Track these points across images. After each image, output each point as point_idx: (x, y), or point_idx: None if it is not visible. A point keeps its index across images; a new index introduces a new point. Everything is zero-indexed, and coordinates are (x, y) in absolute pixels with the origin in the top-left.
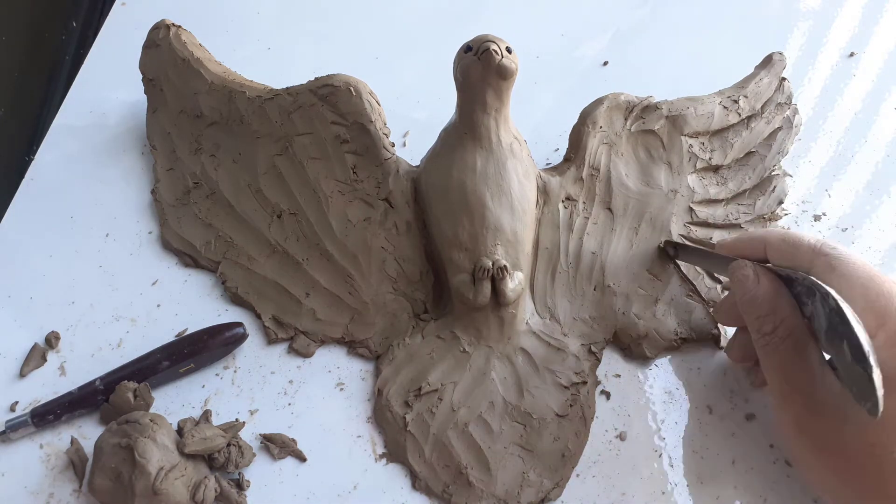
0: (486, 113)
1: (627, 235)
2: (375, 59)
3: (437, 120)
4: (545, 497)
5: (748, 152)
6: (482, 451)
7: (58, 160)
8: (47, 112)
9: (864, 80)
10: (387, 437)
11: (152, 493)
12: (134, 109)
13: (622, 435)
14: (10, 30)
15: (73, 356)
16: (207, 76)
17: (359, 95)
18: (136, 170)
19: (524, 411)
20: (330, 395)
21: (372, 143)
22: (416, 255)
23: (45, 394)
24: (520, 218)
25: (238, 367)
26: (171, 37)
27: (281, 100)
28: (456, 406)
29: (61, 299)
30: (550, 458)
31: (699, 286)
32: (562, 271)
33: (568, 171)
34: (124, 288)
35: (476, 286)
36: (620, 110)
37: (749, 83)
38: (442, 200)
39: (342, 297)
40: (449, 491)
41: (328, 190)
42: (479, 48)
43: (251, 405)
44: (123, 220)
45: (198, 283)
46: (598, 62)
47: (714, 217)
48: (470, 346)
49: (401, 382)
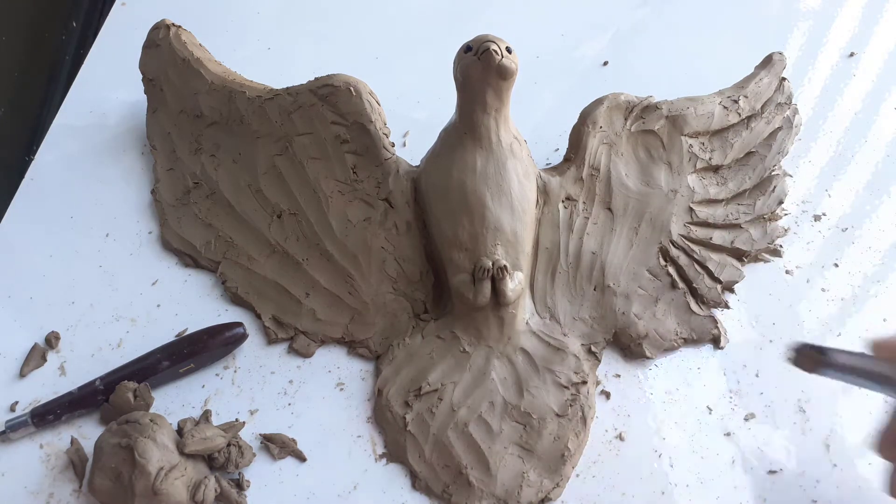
0: (486, 113)
1: (627, 235)
2: (375, 59)
3: (437, 120)
4: (545, 497)
5: (748, 152)
6: (482, 451)
7: (58, 160)
8: (47, 112)
9: (864, 80)
10: (387, 437)
11: (152, 493)
12: (134, 109)
13: (622, 435)
14: (10, 29)
15: (73, 356)
16: (207, 76)
17: (359, 95)
18: (136, 170)
19: (524, 411)
20: (330, 395)
21: (372, 143)
22: (416, 255)
23: (45, 394)
24: (520, 218)
25: (238, 367)
26: (171, 37)
27: (281, 100)
28: (456, 406)
29: (61, 299)
30: (550, 458)
31: (699, 286)
32: (562, 271)
33: (568, 171)
34: (124, 288)
35: (476, 286)
36: (620, 110)
37: (749, 83)
38: (442, 200)
39: (342, 297)
40: (449, 491)
41: (328, 190)
42: (479, 48)
43: (251, 405)
44: (123, 220)
45: (198, 283)
46: (598, 62)
47: (714, 217)
48: (470, 346)
49: (401, 382)
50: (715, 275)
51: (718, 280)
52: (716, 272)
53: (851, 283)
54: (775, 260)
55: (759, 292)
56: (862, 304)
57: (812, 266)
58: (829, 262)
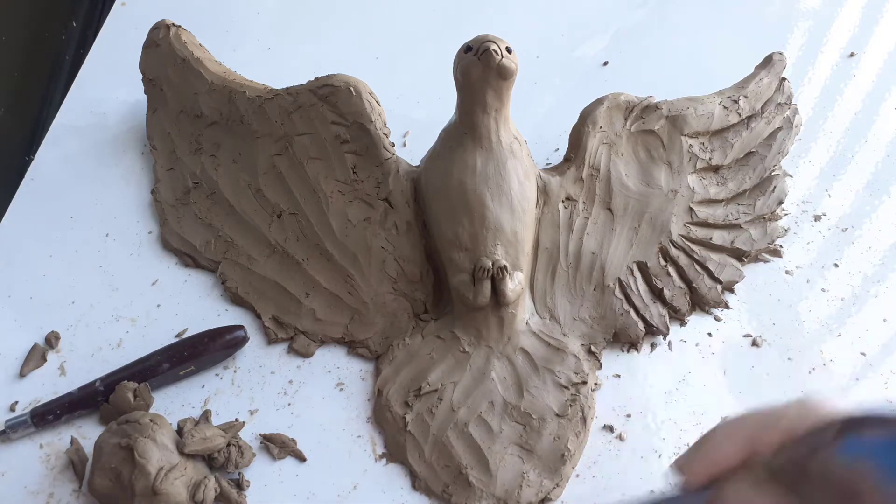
0: (486, 113)
1: (627, 235)
2: (376, 59)
3: (437, 120)
4: (545, 497)
5: (748, 152)
6: (482, 451)
7: (58, 160)
8: (47, 112)
9: (864, 81)
10: (387, 437)
11: (152, 493)
12: (134, 109)
13: (622, 435)
14: (10, 30)
15: (73, 356)
16: (207, 76)
17: (359, 95)
18: (136, 170)
19: (524, 411)
20: (330, 395)
21: (372, 143)
22: (416, 255)
23: (45, 394)
24: (520, 218)
25: (238, 367)
26: (171, 37)
27: (281, 100)
28: (456, 406)
29: (61, 299)
30: (550, 458)
31: (699, 286)
32: (562, 271)
33: (568, 171)
34: (124, 288)
35: (476, 286)
36: (620, 110)
37: (749, 83)
38: (442, 200)
39: (342, 297)
40: (449, 491)
41: (328, 190)
42: (479, 48)
43: (251, 405)
44: (123, 220)
45: (198, 283)
46: (598, 62)
47: (714, 217)
48: (470, 347)
49: (401, 382)
50: (715, 275)
51: (718, 280)
52: (716, 272)
53: (851, 284)
54: (775, 260)
55: (759, 292)
56: (862, 305)
57: (812, 266)
58: (829, 262)
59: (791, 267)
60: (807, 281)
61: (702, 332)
